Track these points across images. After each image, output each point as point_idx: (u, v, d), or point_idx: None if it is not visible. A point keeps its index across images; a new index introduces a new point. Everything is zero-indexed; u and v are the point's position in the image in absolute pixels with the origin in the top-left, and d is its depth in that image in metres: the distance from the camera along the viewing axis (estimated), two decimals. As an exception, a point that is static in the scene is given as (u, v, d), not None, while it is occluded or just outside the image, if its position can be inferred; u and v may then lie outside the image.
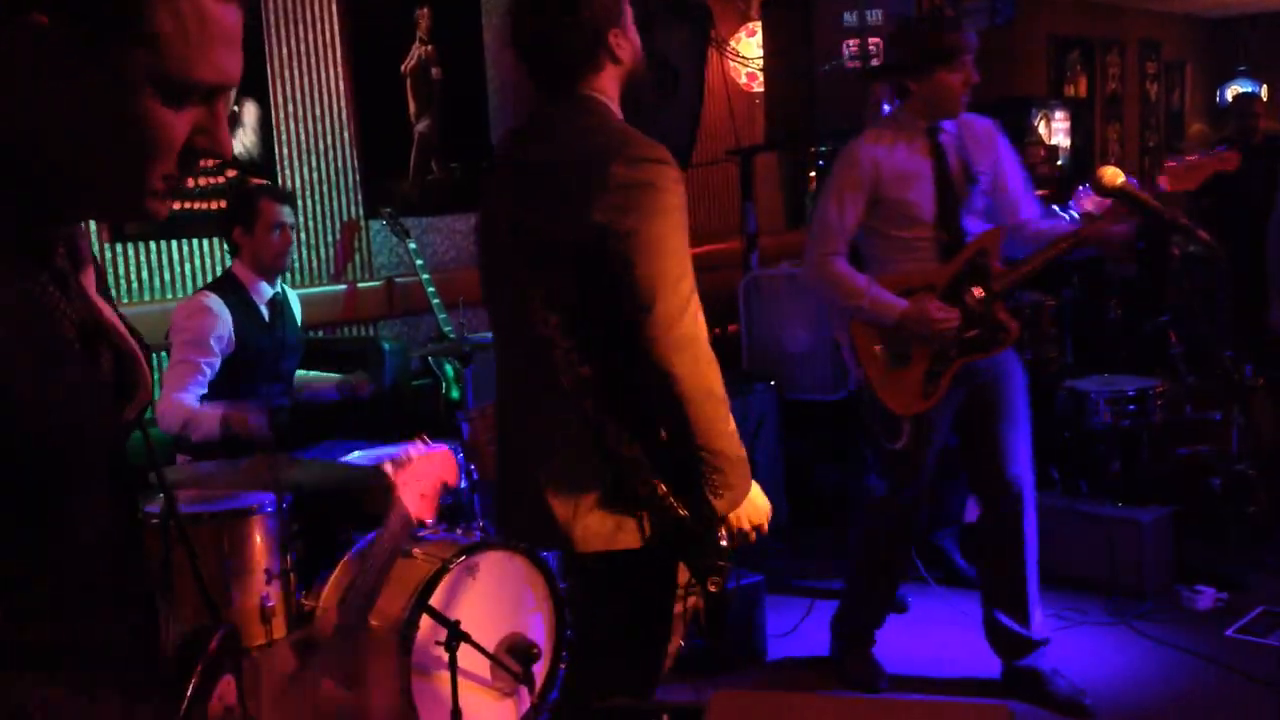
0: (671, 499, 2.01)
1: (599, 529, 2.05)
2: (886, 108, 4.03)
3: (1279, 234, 4.35)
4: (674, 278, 1.95)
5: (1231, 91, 9.10)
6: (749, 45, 5.56)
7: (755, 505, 2.13)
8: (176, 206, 3.86)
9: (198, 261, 3.96)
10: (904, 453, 3.27)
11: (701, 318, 1.99)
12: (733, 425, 2.02)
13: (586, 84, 2.10)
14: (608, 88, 2.12)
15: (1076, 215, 3.55)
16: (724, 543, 2.07)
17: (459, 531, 3.27)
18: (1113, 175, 2.89)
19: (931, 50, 3.15)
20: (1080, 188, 3.65)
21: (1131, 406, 4.33)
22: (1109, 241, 3.06)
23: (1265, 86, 9.39)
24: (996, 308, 3.17)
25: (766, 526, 2.16)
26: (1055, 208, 3.64)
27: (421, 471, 1.83)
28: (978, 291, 3.16)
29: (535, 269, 2.04)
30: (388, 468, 1.80)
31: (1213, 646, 3.67)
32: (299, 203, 4.22)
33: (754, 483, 2.12)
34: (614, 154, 1.97)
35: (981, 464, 3.33)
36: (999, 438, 3.28)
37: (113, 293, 3.76)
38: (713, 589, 2.05)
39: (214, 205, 3.95)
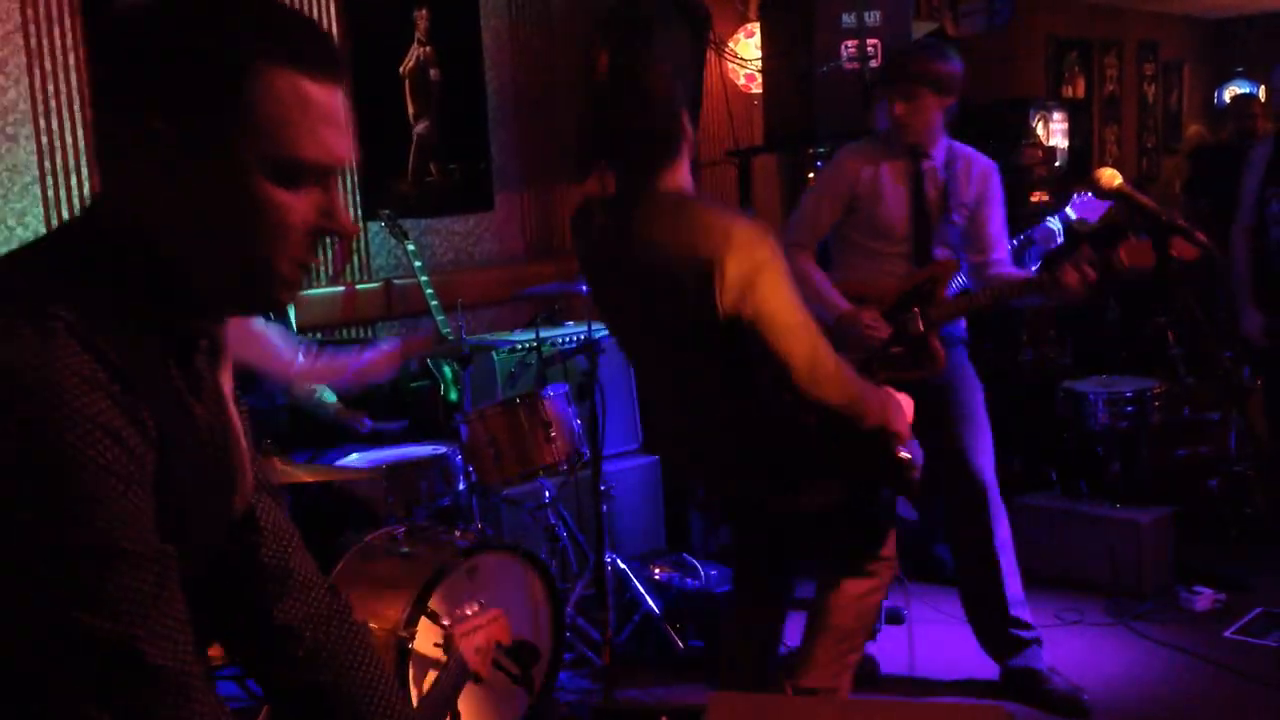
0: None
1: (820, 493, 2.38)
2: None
3: (1241, 243, 4.36)
4: (799, 329, 2.18)
5: (1229, 92, 9.10)
6: (747, 46, 5.56)
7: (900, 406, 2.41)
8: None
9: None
10: None
11: (824, 343, 2.23)
12: (863, 389, 2.29)
13: (673, 169, 2.26)
14: (685, 171, 2.29)
15: (1072, 215, 3.56)
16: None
17: (457, 534, 3.27)
18: (1110, 177, 2.88)
19: (876, 77, 3.38)
20: (1075, 195, 3.65)
21: (1130, 408, 4.33)
22: (1063, 288, 3.00)
23: (1263, 87, 9.39)
24: (930, 336, 3.24)
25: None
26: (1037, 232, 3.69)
27: (478, 627, 1.89)
28: (914, 315, 3.24)
29: (679, 349, 2.29)
30: (447, 623, 1.87)
31: (1211, 647, 3.68)
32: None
33: (889, 392, 2.42)
34: (726, 244, 2.12)
35: (945, 467, 3.36)
36: (959, 440, 3.33)
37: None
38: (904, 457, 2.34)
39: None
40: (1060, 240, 3.57)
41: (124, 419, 0.96)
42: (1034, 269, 3.64)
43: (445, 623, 1.67)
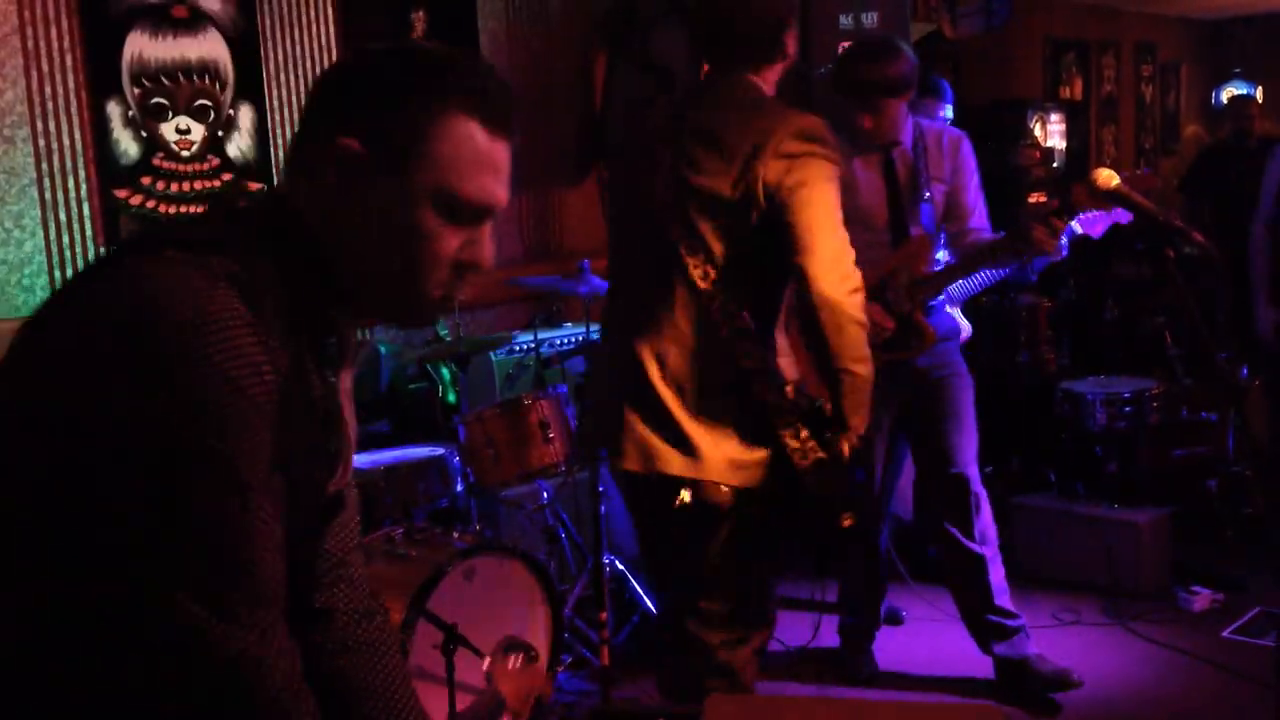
0: (811, 441, 2.24)
1: (736, 461, 2.26)
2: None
3: (1261, 238, 4.36)
4: (833, 224, 2.24)
5: (1227, 93, 9.10)
6: (745, 48, 5.57)
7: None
8: (172, 210, 3.86)
9: (194, 265, 3.95)
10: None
11: (853, 261, 2.27)
12: (869, 352, 2.30)
13: (758, 72, 2.34)
14: (770, 79, 2.36)
15: (1077, 230, 3.53)
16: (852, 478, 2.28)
17: (455, 535, 3.27)
18: (1107, 177, 2.88)
19: (840, 83, 3.26)
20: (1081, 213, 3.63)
21: (1128, 408, 4.34)
22: (1032, 242, 2.97)
23: (1260, 88, 9.40)
24: (915, 313, 3.22)
25: None
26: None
27: (512, 673, 1.88)
28: (900, 294, 3.22)
29: (696, 225, 2.27)
30: (485, 663, 1.86)
31: (1209, 647, 3.68)
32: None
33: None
34: (786, 126, 2.23)
35: (929, 464, 3.41)
36: (943, 436, 3.35)
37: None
38: (847, 524, 2.26)
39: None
40: (1065, 254, 3.54)
41: (268, 362, 1.06)
42: (1034, 279, 3.65)
43: (485, 663, 1.68)
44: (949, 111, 4.08)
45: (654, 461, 2.30)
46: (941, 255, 3.47)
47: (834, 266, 2.23)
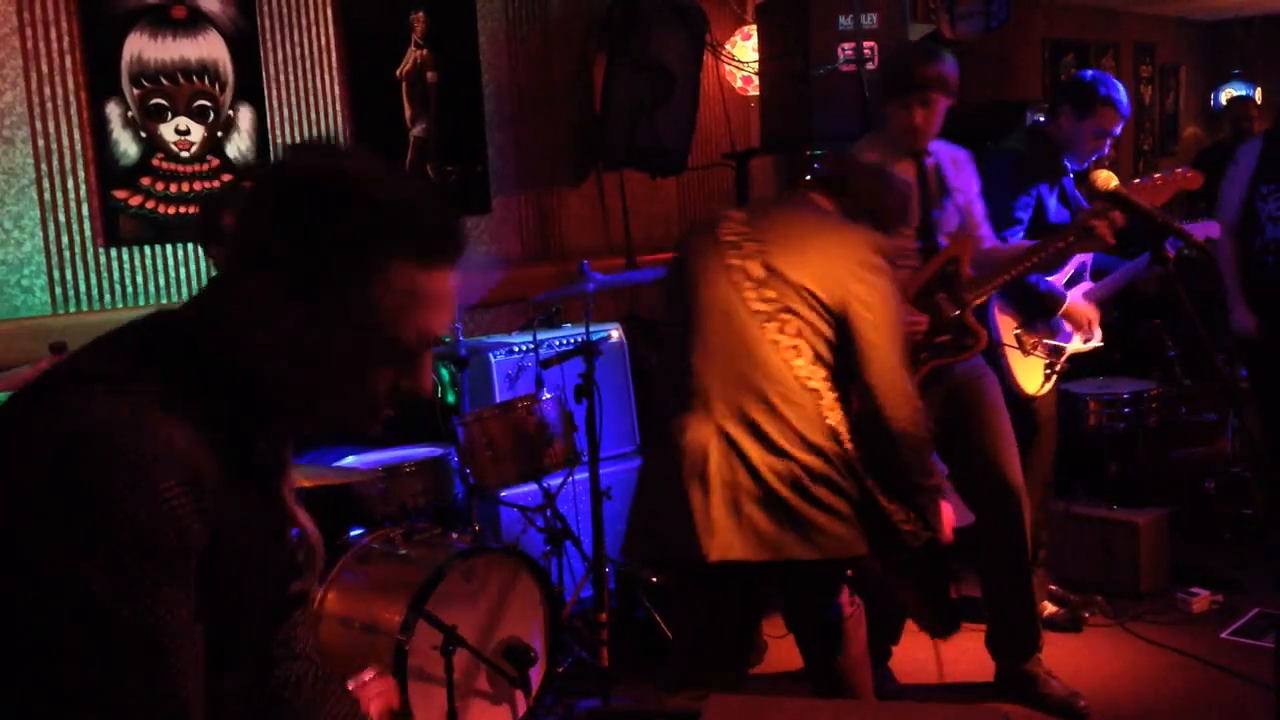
0: (907, 524, 2.44)
1: (849, 538, 2.40)
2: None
3: (1226, 241, 4.36)
4: (897, 343, 2.44)
5: (1226, 95, 9.11)
6: (744, 49, 5.56)
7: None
8: (171, 211, 3.86)
9: (192, 266, 3.95)
10: None
11: (908, 373, 2.49)
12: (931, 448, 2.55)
13: (819, 196, 2.61)
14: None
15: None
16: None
17: (455, 536, 3.27)
18: (1106, 179, 2.89)
19: (884, 84, 3.33)
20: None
21: (1127, 409, 4.34)
22: (1095, 236, 3.11)
23: (1259, 89, 9.40)
24: (967, 314, 3.23)
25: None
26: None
27: (376, 694, 1.90)
28: (948, 298, 3.22)
29: (801, 330, 2.41)
30: (350, 685, 1.88)
31: (1208, 648, 3.68)
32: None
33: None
34: (866, 242, 2.47)
35: (974, 470, 3.32)
36: (988, 443, 3.30)
37: (108, 299, 3.77)
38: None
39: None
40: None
41: (194, 510, 1.06)
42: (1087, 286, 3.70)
43: (349, 685, 1.71)
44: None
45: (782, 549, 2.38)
46: None
47: (903, 399, 2.42)
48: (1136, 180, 3.25)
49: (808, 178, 2.71)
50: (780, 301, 2.41)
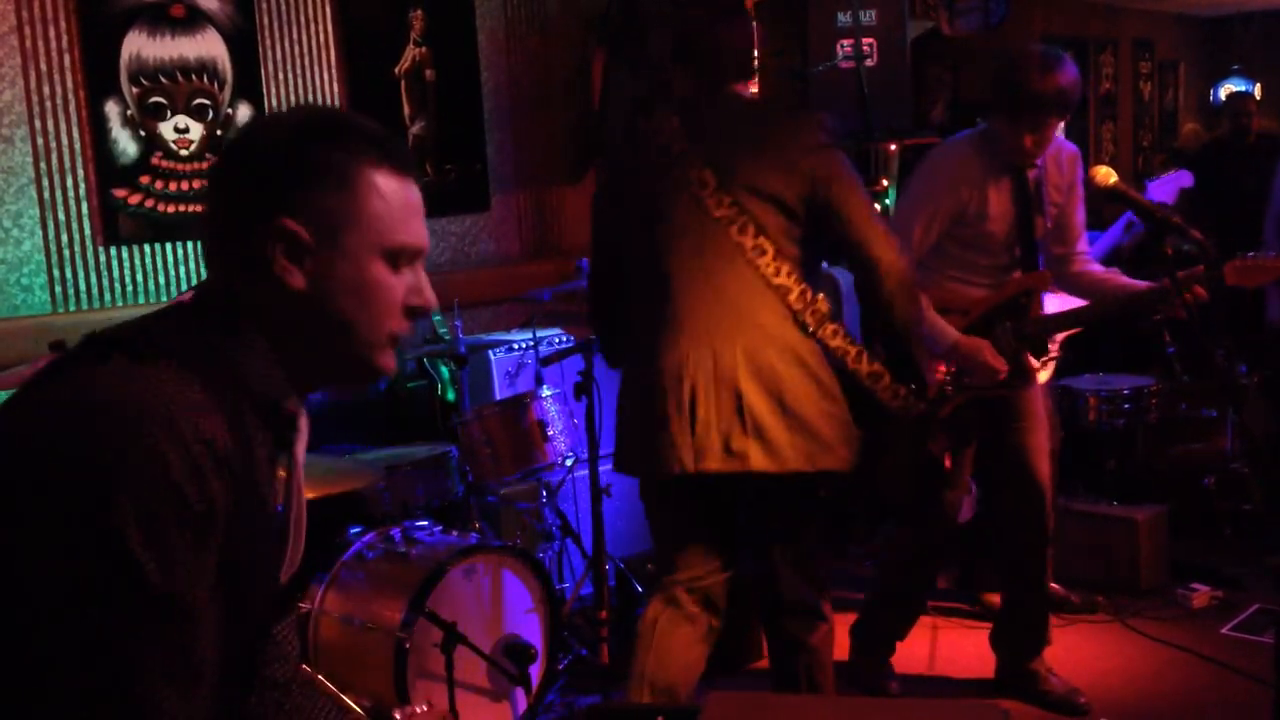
0: (896, 399, 2.45)
1: (850, 446, 2.46)
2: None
3: (1273, 235, 4.36)
4: (871, 205, 2.49)
5: (1225, 90, 9.10)
6: (743, 46, 5.56)
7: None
8: (171, 210, 3.86)
9: (192, 264, 3.95)
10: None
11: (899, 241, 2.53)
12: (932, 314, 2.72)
13: (744, 87, 2.59)
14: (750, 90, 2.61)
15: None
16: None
17: (455, 534, 3.27)
18: (1105, 175, 2.89)
19: (1000, 95, 3.01)
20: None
21: (1126, 405, 4.34)
22: (1180, 305, 2.78)
23: (1259, 85, 9.40)
24: (1023, 350, 3.11)
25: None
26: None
27: None
28: (1008, 330, 3.09)
29: (764, 226, 2.42)
30: (398, 717, 1.89)
31: (1208, 644, 3.68)
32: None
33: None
34: (810, 123, 2.49)
35: (1005, 465, 3.26)
36: (1021, 440, 3.23)
37: (108, 298, 3.77)
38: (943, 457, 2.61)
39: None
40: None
41: (217, 479, 1.07)
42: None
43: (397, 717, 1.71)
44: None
45: (791, 458, 2.42)
46: None
47: (886, 236, 2.46)
48: (1238, 261, 2.99)
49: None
50: (738, 204, 2.43)
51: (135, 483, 1.02)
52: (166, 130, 3.82)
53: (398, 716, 1.79)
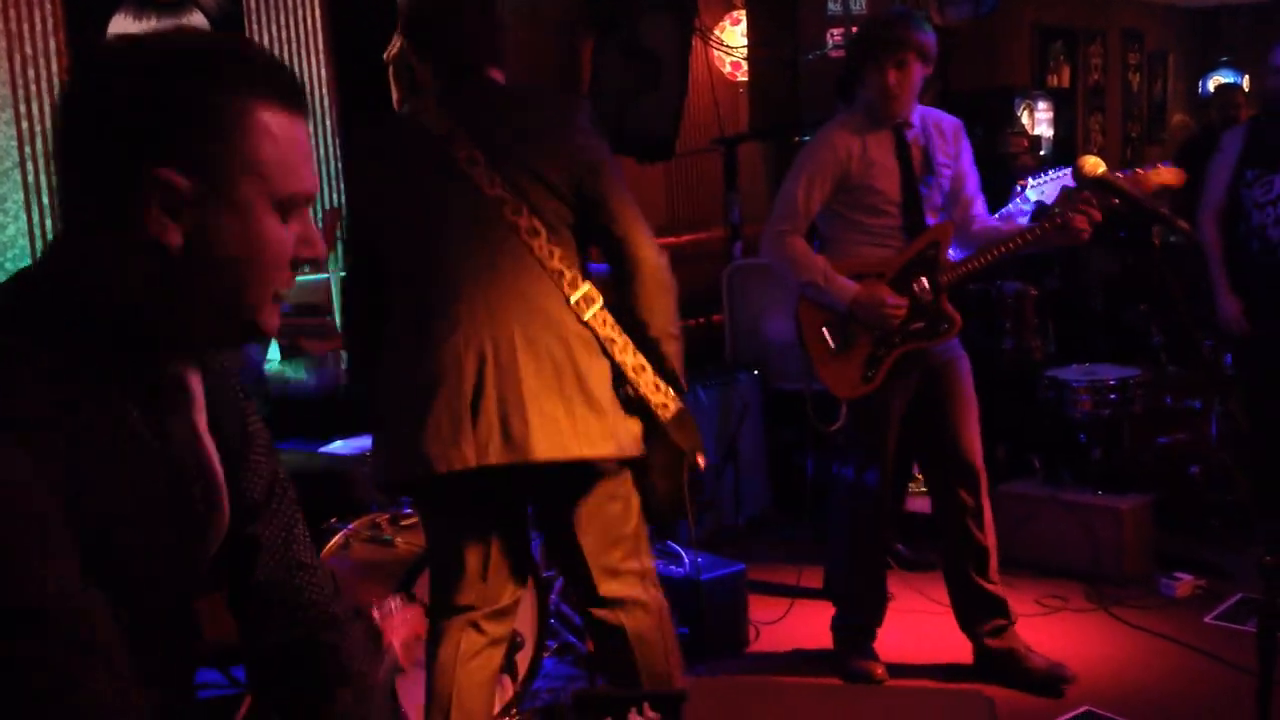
0: (669, 395, 2.40)
1: (632, 432, 2.38)
2: None
3: (1211, 227, 4.37)
4: (629, 194, 2.42)
5: (1213, 82, 9.12)
6: (733, 34, 5.56)
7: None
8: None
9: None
10: (863, 435, 3.40)
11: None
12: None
13: (493, 71, 2.53)
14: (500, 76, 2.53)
15: (1031, 196, 3.49)
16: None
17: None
18: (1093, 164, 2.90)
19: (859, 47, 3.31)
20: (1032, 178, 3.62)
21: (1112, 395, 4.35)
22: (1072, 230, 3.06)
23: (1247, 76, 9.42)
24: (942, 299, 3.25)
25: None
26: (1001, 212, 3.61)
27: (400, 623, 1.91)
28: (925, 282, 3.24)
29: (538, 209, 2.33)
30: (375, 615, 1.90)
31: (1192, 633, 3.70)
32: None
33: None
34: (574, 107, 2.45)
35: (942, 450, 3.38)
36: (955, 423, 3.35)
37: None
38: (703, 464, 2.45)
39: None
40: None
41: (31, 467, 0.96)
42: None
43: (374, 615, 1.71)
44: None
45: (575, 445, 2.30)
46: None
47: (648, 235, 2.40)
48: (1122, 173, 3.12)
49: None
50: (511, 183, 2.32)
51: None
52: (152, 114, 3.81)
53: (374, 614, 1.80)
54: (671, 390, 2.41)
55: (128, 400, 1.08)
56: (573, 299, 2.34)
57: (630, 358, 2.38)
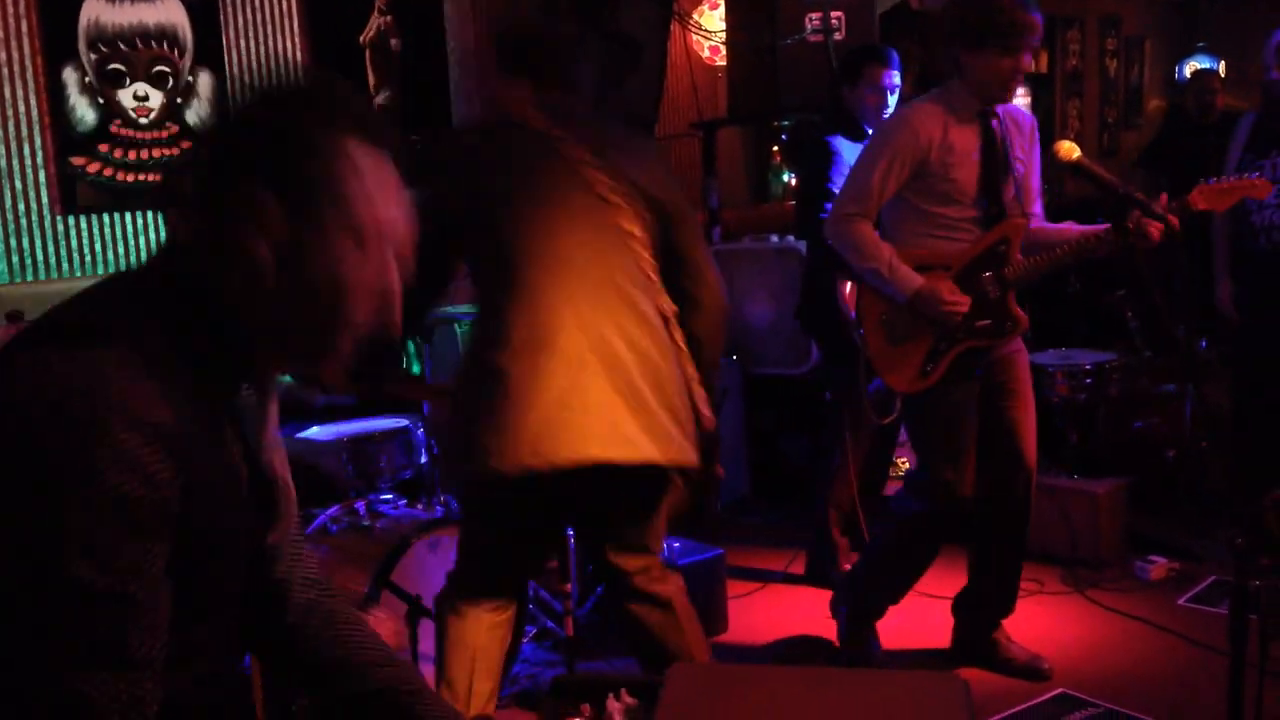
0: (706, 407, 2.56)
1: (693, 439, 2.49)
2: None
3: (1222, 213, 4.39)
4: (706, 246, 2.67)
5: (1190, 67, 9.16)
6: (711, 19, 5.54)
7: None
8: (130, 178, 3.80)
9: (152, 234, 3.90)
10: (940, 437, 3.24)
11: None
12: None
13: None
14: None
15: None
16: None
17: (419, 507, 3.26)
18: (1068, 149, 2.91)
19: (971, 31, 3.08)
20: None
21: (1088, 380, 4.38)
22: (1146, 238, 2.94)
23: (1223, 63, 9.46)
24: (1009, 297, 3.15)
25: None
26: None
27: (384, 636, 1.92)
28: (993, 279, 3.12)
29: (648, 222, 2.47)
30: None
31: (1166, 615, 3.74)
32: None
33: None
34: (661, 154, 2.70)
35: (994, 440, 3.26)
36: (1014, 416, 3.25)
37: (66, 268, 3.72)
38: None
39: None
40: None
41: (163, 460, 1.05)
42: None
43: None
44: (897, 78, 4.02)
45: (670, 451, 2.43)
46: None
47: (715, 267, 2.60)
48: (1206, 183, 3.08)
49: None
50: (628, 195, 2.45)
51: (71, 491, 1.00)
52: (125, 98, 3.77)
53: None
54: (708, 406, 2.58)
55: (219, 404, 1.18)
56: (666, 311, 2.50)
57: (692, 370, 2.53)
